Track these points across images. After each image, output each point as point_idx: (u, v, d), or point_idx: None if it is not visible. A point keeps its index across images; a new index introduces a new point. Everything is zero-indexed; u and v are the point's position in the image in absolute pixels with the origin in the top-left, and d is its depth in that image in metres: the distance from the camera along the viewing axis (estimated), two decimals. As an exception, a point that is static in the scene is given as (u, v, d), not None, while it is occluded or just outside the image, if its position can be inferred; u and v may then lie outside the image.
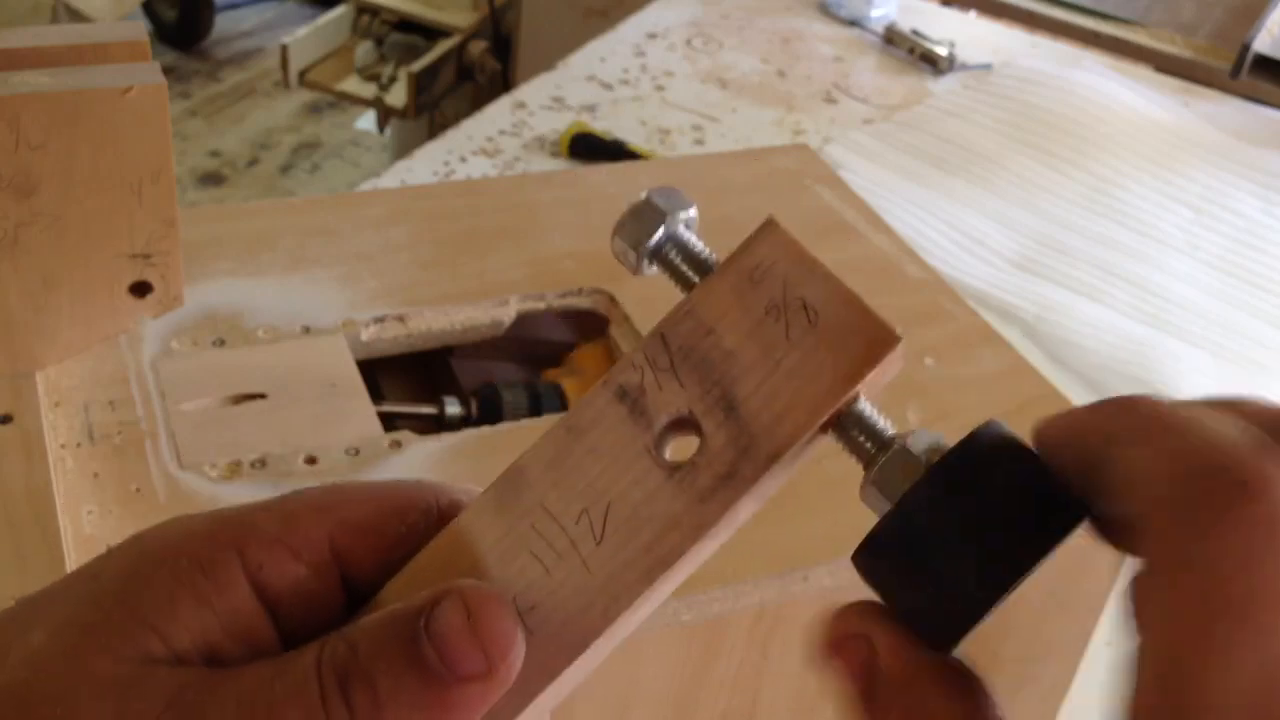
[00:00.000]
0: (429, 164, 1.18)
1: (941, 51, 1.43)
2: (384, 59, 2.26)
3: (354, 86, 2.25)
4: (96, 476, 0.52)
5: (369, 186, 1.15)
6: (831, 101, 1.37)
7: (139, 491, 0.52)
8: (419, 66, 2.10)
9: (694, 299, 0.28)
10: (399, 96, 2.17)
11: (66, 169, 0.51)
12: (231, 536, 0.27)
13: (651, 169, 0.91)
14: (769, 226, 0.28)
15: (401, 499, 0.29)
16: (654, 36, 1.47)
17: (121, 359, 0.58)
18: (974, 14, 1.63)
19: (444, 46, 2.16)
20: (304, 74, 2.24)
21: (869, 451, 0.27)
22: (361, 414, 0.58)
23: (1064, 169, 1.22)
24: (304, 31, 2.25)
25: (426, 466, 0.55)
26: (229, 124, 2.97)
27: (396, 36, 2.26)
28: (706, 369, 0.28)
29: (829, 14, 1.55)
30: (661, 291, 0.33)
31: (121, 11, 2.55)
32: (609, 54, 1.42)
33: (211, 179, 2.77)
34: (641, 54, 1.43)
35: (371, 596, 0.29)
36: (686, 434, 0.28)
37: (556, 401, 0.64)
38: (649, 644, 0.51)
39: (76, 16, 2.49)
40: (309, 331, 0.62)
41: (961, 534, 0.25)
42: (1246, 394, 0.25)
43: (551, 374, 0.68)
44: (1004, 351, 0.67)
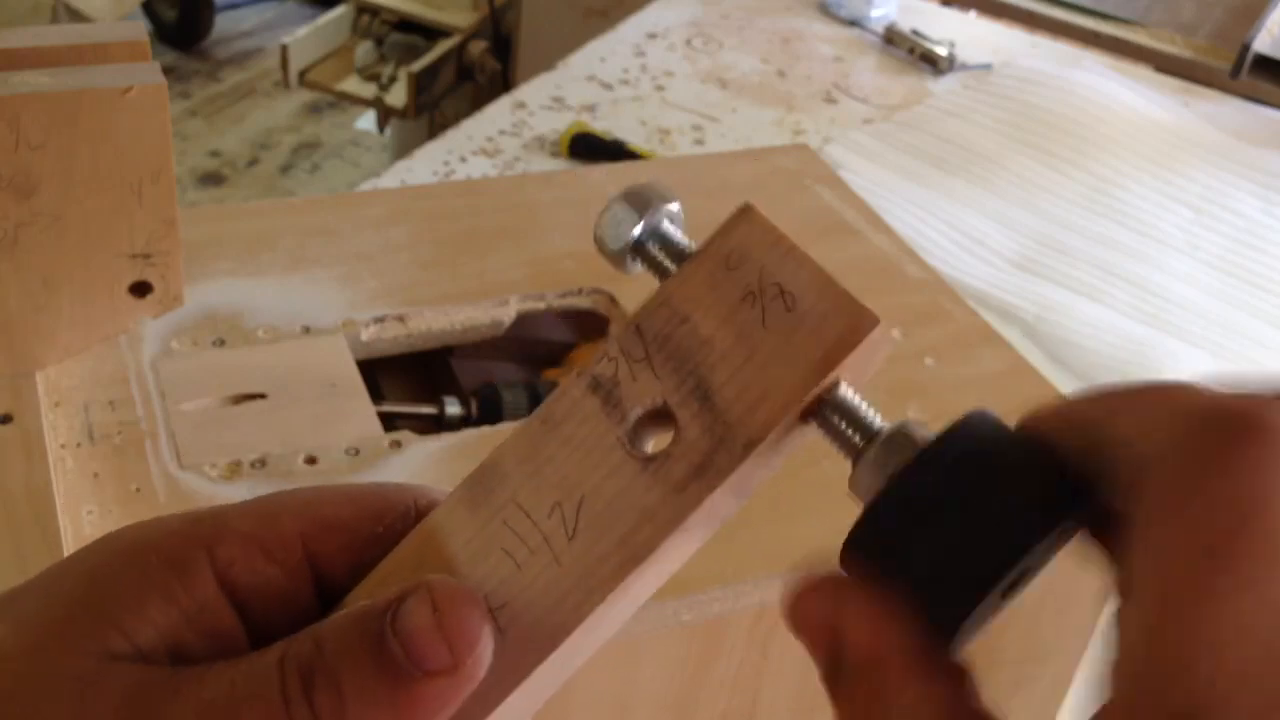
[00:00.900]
0: (429, 164, 1.18)
1: (941, 51, 1.42)
2: (384, 59, 2.26)
3: (354, 86, 2.25)
4: (96, 476, 0.52)
5: (369, 186, 1.15)
6: (831, 101, 1.37)
7: (139, 491, 0.52)
8: (419, 66, 2.10)
9: (669, 287, 0.28)
10: (399, 96, 2.17)
11: (66, 169, 0.51)
12: (204, 534, 0.27)
13: (651, 169, 0.91)
14: (745, 212, 0.28)
15: (379, 501, 0.29)
16: (654, 36, 1.47)
17: (121, 359, 0.58)
18: (974, 14, 1.63)
19: (444, 46, 2.16)
20: (304, 74, 2.24)
21: (854, 442, 0.26)
22: (361, 414, 0.58)
23: (1064, 169, 1.22)
24: (304, 31, 2.25)
25: (426, 466, 0.55)
26: (229, 124, 2.97)
27: (396, 36, 2.26)
28: (682, 358, 0.27)
29: (829, 14, 1.55)
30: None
31: (121, 11, 2.55)
32: (609, 54, 1.42)
33: (211, 179, 2.77)
34: (641, 54, 1.43)
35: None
36: (662, 425, 0.27)
37: (556, 401, 0.64)
38: (649, 644, 0.51)
39: (76, 16, 2.49)
40: (309, 331, 0.62)
41: (964, 508, 0.24)
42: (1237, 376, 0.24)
43: (551, 374, 0.68)
44: (1004, 351, 0.67)
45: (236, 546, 0.27)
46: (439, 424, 0.64)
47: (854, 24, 1.52)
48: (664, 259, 0.29)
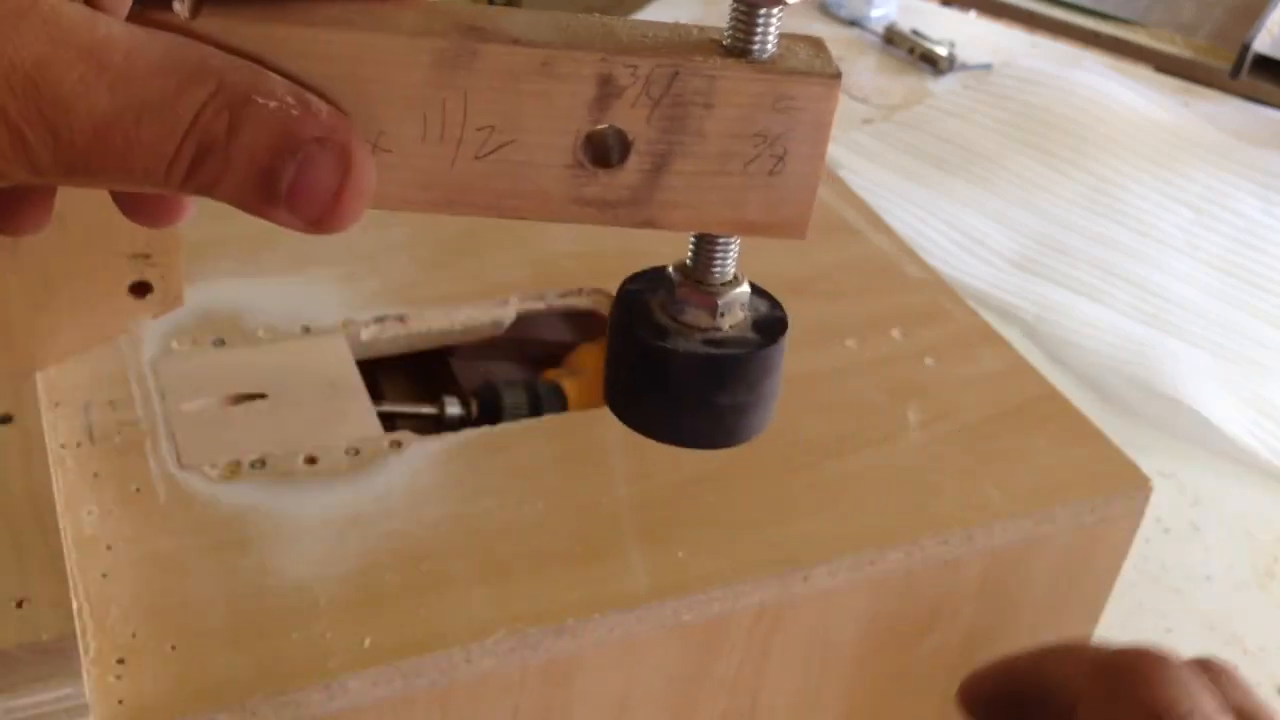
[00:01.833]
0: (429, 164, 1.18)
1: (941, 51, 1.42)
2: (384, 59, 2.26)
3: (354, 86, 2.25)
4: (96, 476, 0.52)
5: (369, 186, 1.15)
6: (831, 101, 1.36)
7: (139, 491, 0.52)
8: (419, 66, 2.10)
9: (726, 75, 0.29)
10: (399, 96, 2.17)
11: (66, 169, 0.51)
12: None
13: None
14: (835, 79, 0.30)
15: None
16: (654, 36, 1.46)
17: (121, 359, 0.58)
18: (974, 14, 1.63)
19: (444, 46, 2.15)
20: (304, 74, 2.23)
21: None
22: (361, 414, 0.58)
23: (1064, 169, 1.22)
24: (304, 31, 2.25)
25: (426, 466, 0.55)
26: (229, 124, 2.96)
27: (396, 36, 2.26)
28: (676, 128, 0.28)
29: (829, 14, 1.55)
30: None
31: (121, 11, 2.55)
32: (609, 54, 1.42)
33: (211, 179, 2.77)
34: (641, 54, 1.42)
35: None
36: (615, 151, 0.29)
37: (556, 401, 0.64)
38: (649, 644, 0.51)
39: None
40: (309, 331, 0.62)
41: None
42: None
43: (551, 374, 0.68)
44: (1004, 351, 0.67)
45: None
46: (439, 424, 0.64)
47: (854, 24, 1.52)
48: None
